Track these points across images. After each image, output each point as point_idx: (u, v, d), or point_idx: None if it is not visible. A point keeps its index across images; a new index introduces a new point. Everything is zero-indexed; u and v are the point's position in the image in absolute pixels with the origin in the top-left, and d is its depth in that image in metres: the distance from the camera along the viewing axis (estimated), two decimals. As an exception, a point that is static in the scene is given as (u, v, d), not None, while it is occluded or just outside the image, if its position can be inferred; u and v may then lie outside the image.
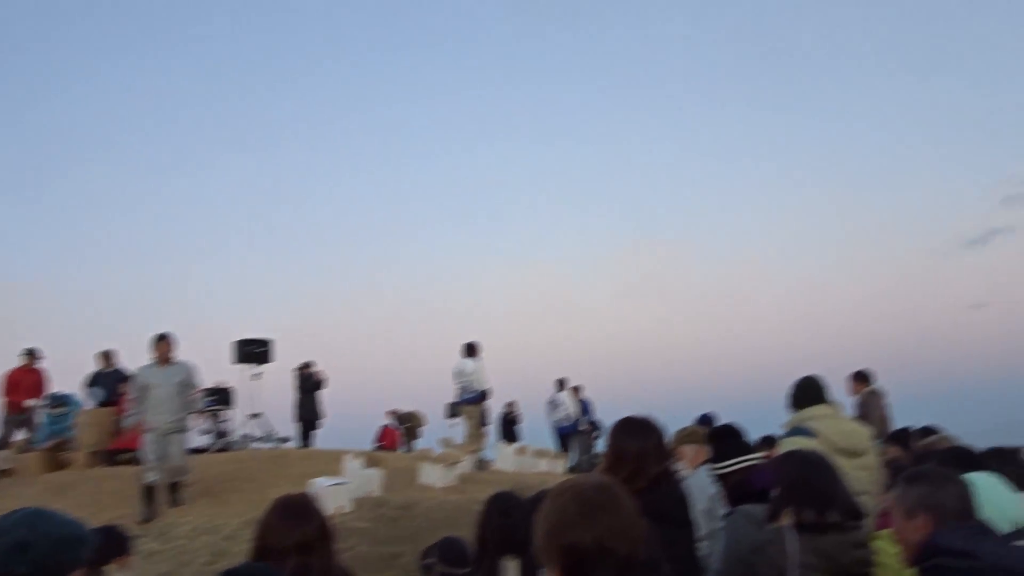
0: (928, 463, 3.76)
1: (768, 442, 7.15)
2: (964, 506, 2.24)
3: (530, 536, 2.87)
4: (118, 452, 11.26)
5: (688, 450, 3.94)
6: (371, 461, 10.36)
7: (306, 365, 14.29)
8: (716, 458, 3.54)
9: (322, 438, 14.42)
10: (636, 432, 3.22)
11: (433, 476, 10.33)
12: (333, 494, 8.21)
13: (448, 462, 10.60)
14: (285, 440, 14.37)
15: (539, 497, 3.01)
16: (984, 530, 2.20)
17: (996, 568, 2.05)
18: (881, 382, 8.46)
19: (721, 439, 3.61)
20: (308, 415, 14.25)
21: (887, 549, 2.54)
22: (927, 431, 5.76)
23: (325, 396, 14.40)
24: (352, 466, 9.55)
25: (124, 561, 3.68)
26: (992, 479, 2.65)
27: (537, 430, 15.72)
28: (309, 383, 14.13)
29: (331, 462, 9.85)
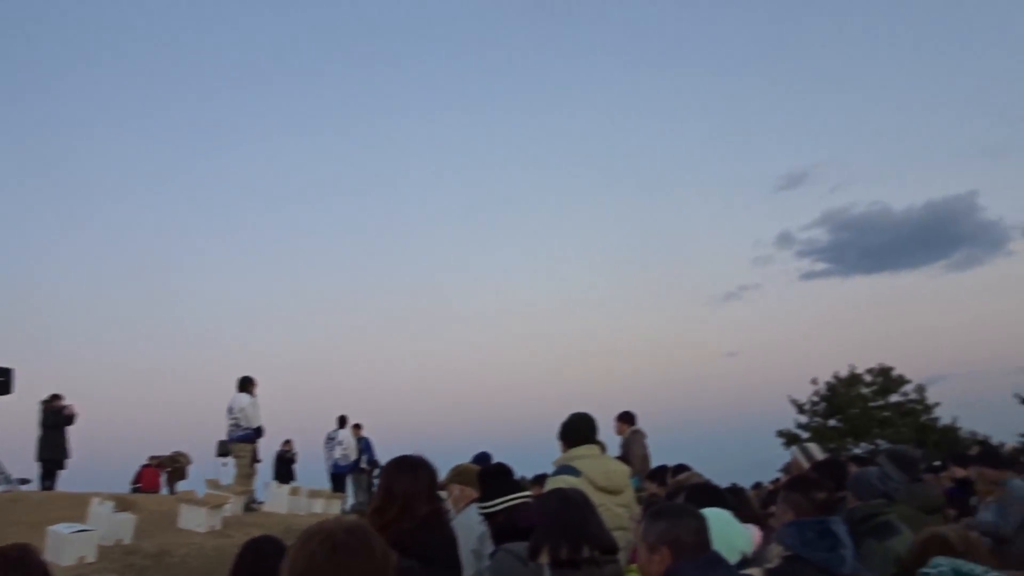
0: (678, 499, 4.07)
1: (541, 480, 7.39)
2: (700, 539, 2.43)
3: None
4: None
5: (455, 489, 3.96)
6: (122, 505, 9.42)
7: (53, 398, 12.83)
8: (484, 497, 3.58)
9: (67, 480, 12.95)
10: (407, 471, 3.20)
11: (195, 520, 9.60)
12: (74, 542, 7.35)
13: (212, 504, 9.90)
14: (24, 482, 12.79)
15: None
16: (716, 561, 2.40)
17: None
18: (643, 423, 9.08)
19: (489, 478, 3.67)
20: (52, 454, 12.77)
21: (636, 582, 2.68)
22: (680, 468, 6.23)
23: (73, 433, 13.00)
24: (99, 511, 8.63)
25: None
26: (724, 513, 2.90)
27: (317, 470, 15.18)
28: (56, 418, 12.69)
29: (76, 506, 8.85)
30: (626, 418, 8.91)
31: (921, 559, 2.95)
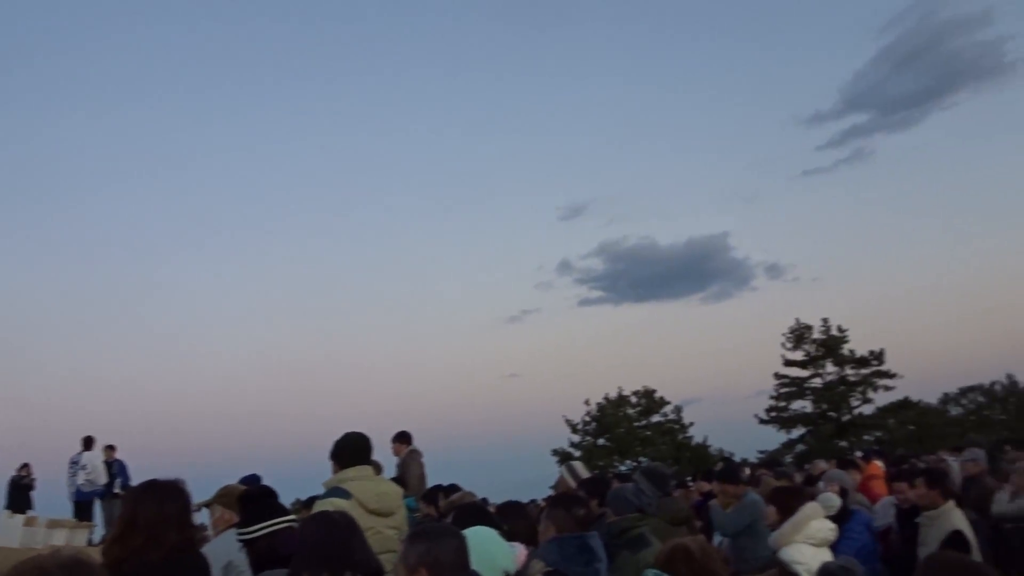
0: (448, 519, 4.08)
1: (311, 503, 7.13)
2: (460, 560, 2.44)
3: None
4: None
5: (216, 510, 3.70)
6: None
7: None
8: (244, 522, 3.37)
9: None
10: (156, 497, 2.94)
11: None
12: None
13: (-78, 540, 8.53)
14: None
15: None
16: None
17: None
18: (426, 442, 9.06)
19: (250, 502, 3.47)
20: None
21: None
22: (452, 488, 6.28)
23: None
24: None
25: None
26: (487, 532, 2.94)
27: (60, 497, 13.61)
28: None
29: None
30: (403, 438, 8.85)
31: (666, 568, 3.18)
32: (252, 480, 6.81)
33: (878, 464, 9.08)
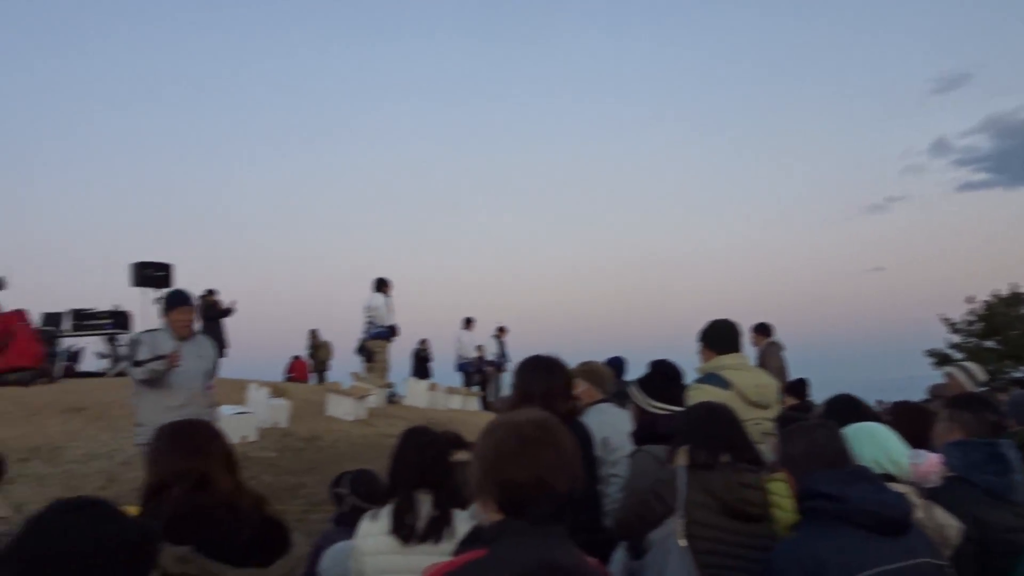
0: (814, 414, 3.89)
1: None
2: (838, 453, 2.36)
3: (444, 471, 2.87)
4: (6, 372, 10.73)
5: (581, 385, 3.87)
6: (277, 391, 10.17)
7: (209, 292, 13.73)
8: (652, 393, 3.57)
9: (229, 367, 14.04)
10: (543, 371, 3.22)
11: (342, 409, 10.26)
12: (237, 423, 8.02)
13: (358, 395, 10.52)
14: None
15: (452, 433, 3.00)
16: (857, 475, 2.29)
17: (861, 511, 2.14)
18: (779, 336, 8.74)
19: (662, 379, 3.67)
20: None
21: (782, 491, 2.59)
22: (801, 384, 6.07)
23: (232, 325, 13.98)
24: (257, 396, 9.36)
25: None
26: (876, 427, 2.75)
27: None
28: (213, 311, 13.61)
29: (235, 391, 9.59)
30: (762, 330, 8.60)
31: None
32: (616, 362, 7.17)
33: None
